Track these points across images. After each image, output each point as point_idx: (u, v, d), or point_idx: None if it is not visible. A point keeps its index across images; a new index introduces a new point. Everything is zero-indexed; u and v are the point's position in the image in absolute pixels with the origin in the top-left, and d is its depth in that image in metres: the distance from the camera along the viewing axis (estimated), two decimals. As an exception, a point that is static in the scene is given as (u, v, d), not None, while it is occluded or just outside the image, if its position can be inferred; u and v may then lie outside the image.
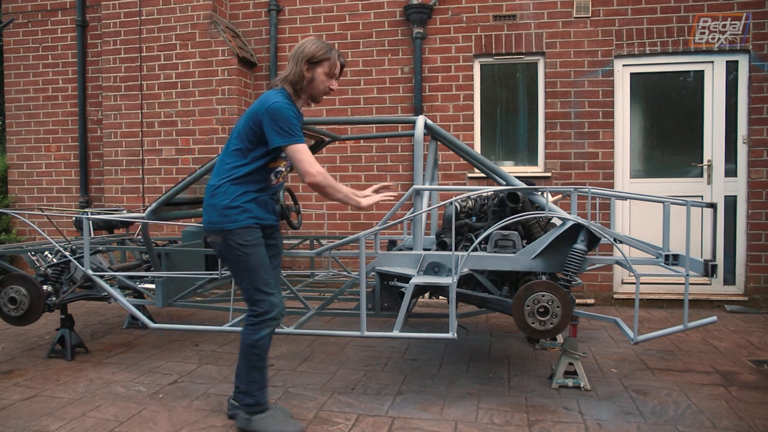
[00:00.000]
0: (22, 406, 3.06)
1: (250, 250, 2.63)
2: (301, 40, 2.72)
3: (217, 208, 2.63)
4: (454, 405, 3.03)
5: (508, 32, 5.76)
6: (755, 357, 3.87)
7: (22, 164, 6.82)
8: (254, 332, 2.65)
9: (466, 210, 3.82)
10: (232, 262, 2.67)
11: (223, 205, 2.62)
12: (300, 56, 2.64)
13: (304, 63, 2.63)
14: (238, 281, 2.71)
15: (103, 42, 6.26)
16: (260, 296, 2.65)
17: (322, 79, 2.68)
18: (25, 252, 4.00)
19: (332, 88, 2.74)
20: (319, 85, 2.69)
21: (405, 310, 2.97)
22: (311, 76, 2.66)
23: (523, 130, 5.91)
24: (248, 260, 2.63)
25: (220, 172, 2.68)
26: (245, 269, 2.64)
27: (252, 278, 2.64)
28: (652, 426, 2.76)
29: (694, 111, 5.61)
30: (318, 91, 2.71)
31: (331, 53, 2.67)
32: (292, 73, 2.65)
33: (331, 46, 2.71)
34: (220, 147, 5.89)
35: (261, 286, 2.64)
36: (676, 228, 3.51)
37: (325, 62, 2.65)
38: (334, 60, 2.68)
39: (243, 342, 2.68)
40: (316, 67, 2.65)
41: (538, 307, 2.90)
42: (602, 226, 3.22)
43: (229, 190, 2.63)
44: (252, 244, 2.63)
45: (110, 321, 5.02)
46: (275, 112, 2.53)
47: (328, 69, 2.67)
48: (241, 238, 2.61)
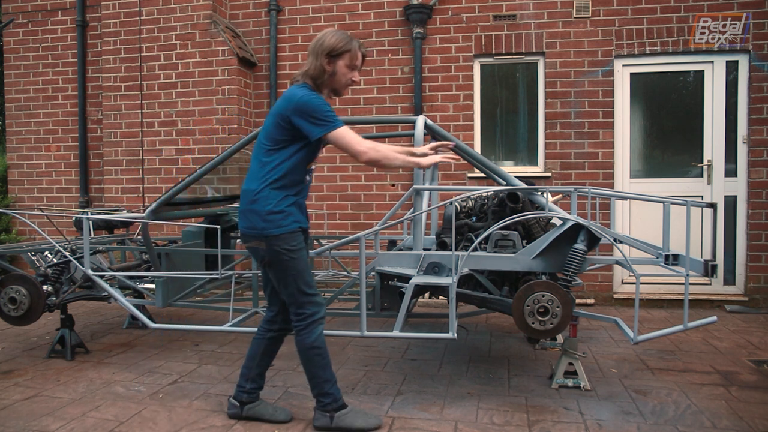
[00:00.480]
0: (22, 406, 3.06)
1: (297, 255, 2.60)
2: (321, 32, 2.64)
3: (260, 213, 2.56)
4: (454, 405, 3.03)
5: (508, 32, 5.76)
6: (755, 357, 3.87)
7: (22, 164, 6.82)
8: (309, 334, 2.64)
9: (466, 210, 3.82)
10: (279, 267, 2.61)
11: (267, 211, 2.55)
12: (320, 49, 2.57)
13: (324, 56, 2.57)
14: (283, 286, 2.65)
15: (103, 42, 6.26)
16: (307, 299, 2.64)
17: (344, 72, 2.62)
18: (25, 252, 4.00)
19: (354, 80, 2.68)
20: (341, 78, 2.63)
21: (405, 310, 2.97)
22: (332, 69, 2.59)
23: (523, 130, 5.91)
24: (295, 265, 2.60)
25: (257, 176, 2.60)
26: (292, 274, 2.61)
27: (298, 282, 2.62)
28: (652, 426, 2.76)
29: (694, 111, 5.61)
30: (340, 84, 2.65)
31: (352, 44, 2.60)
32: (313, 68, 2.59)
33: (351, 37, 2.63)
34: (221, 147, 5.89)
35: (307, 289, 2.63)
36: (676, 228, 3.51)
37: (345, 54, 2.59)
38: (355, 51, 2.61)
39: (301, 347, 2.66)
40: (337, 59, 2.59)
41: (538, 307, 2.90)
42: (602, 226, 3.22)
43: (270, 194, 2.56)
44: (298, 249, 2.61)
45: (110, 321, 5.02)
46: (305, 105, 2.49)
47: (349, 61, 2.61)
48: (287, 243, 2.57)
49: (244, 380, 2.83)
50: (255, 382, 2.83)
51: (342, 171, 6.10)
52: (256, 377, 2.83)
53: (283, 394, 3.20)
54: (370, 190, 6.03)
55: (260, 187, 2.57)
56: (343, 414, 2.68)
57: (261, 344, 2.83)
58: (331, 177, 6.10)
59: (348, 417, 2.68)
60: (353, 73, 2.66)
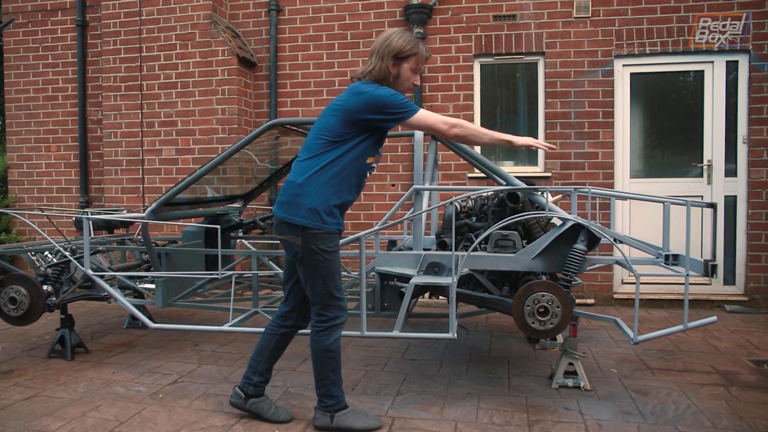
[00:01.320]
0: (22, 406, 3.06)
1: (332, 257, 2.55)
2: (385, 33, 2.57)
3: (303, 207, 2.48)
4: (454, 405, 3.03)
5: (508, 32, 5.76)
6: (755, 357, 3.87)
7: (22, 164, 6.82)
8: (327, 337, 2.62)
9: (466, 210, 3.82)
10: (312, 266, 2.55)
11: (312, 206, 2.48)
12: (386, 51, 2.49)
13: (391, 58, 2.49)
14: (311, 285, 2.59)
15: (103, 42, 6.26)
16: (333, 301, 2.61)
17: (408, 75, 2.55)
18: (25, 252, 3.99)
19: (416, 83, 2.63)
20: (405, 82, 2.57)
21: (405, 310, 2.97)
22: (397, 72, 2.53)
23: (523, 130, 5.91)
24: (328, 266, 2.55)
25: (307, 168, 2.50)
26: (323, 275, 2.56)
27: (328, 284, 2.58)
28: (652, 426, 2.76)
29: (694, 111, 5.61)
30: (403, 87, 2.58)
31: (419, 48, 2.54)
32: (377, 69, 2.50)
33: (418, 39, 2.57)
34: (221, 147, 5.89)
35: (335, 292, 2.60)
36: (676, 228, 3.51)
37: (412, 57, 2.52)
38: (422, 54, 2.55)
39: (317, 348, 2.63)
40: (403, 62, 2.52)
41: (538, 307, 2.90)
42: (602, 226, 3.22)
43: (319, 190, 2.48)
44: (334, 250, 2.56)
45: (110, 321, 5.02)
46: (377, 99, 2.43)
47: (415, 64, 2.54)
48: (325, 243, 2.51)
49: (252, 372, 2.80)
50: (263, 375, 2.82)
51: (342, 171, 6.08)
52: (265, 371, 2.82)
53: (283, 394, 3.20)
54: (370, 190, 6.03)
55: (309, 181, 2.49)
56: (344, 414, 2.67)
57: (273, 339, 2.80)
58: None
59: (348, 417, 2.67)
60: (416, 77, 2.61)
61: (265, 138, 4.19)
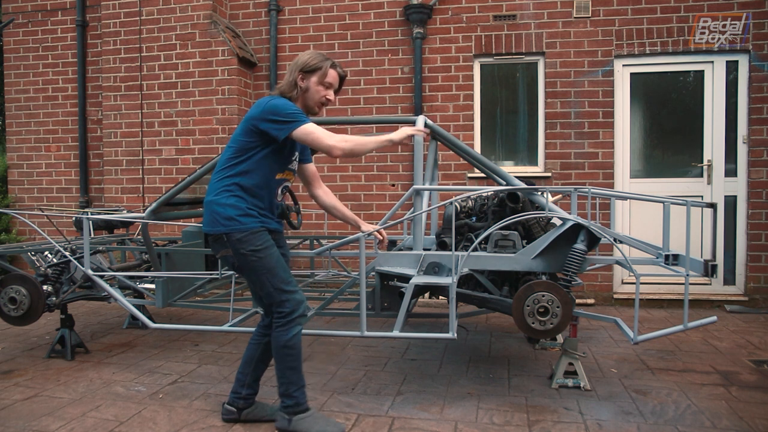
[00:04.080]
0: (22, 406, 3.06)
1: (264, 253, 2.59)
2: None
3: (220, 216, 2.59)
4: (454, 405, 3.03)
5: (508, 32, 5.76)
6: (755, 357, 3.87)
7: (22, 164, 6.82)
8: (285, 332, 2.62)
9: (466, 210, 3.82)
10: (248, 269, 2.62)
11: (226, 215, 2.57)
12: (294, 66, 2.67)
13: (298, 72, 2.66)
14: (259, 287, 2.64)
15: (103, 42, 6.26)
16: (284, 296, 2.62)
17: (317, 89, 2.68)
18: (25, 252, 3.99)
19: (329, 98, 2.72)
20: (314, 95, 2.68)
21: (405, 310, 2.97)
22: (305, 85, 2.67)
23: (523, 130, 5.91)
24: (264, 263, 2.59)
25: (215, 183, 2.64)
26: (263, 273, 2.60)
27: (272, 280, 2.60)
28: (652, 426, 2.76)
29: (694, 111, 5.61)
30: (313, 101, 2.70)
31: (325, 63, 2.68)
32: (285, 83, 2.68)
33: (328, 57, 2.71)
34: (220, 147, 5.89)
35: (283, 286, 2.62)
36: (676, 228, 3.51)
37: (317, 71, 2.66)
38: (326, 69, 2.67)
39: (275, 345, 2.64)
40: (310, 76, 2.66)
41: (538, 307, 2.90)
42: (602, 226, 3.22)
43: (231, 198, 2.59)
44: (264, 247, 2.60)
45: (110, 321, 5.02)
46: (270, 107, 2.55)
47: (320, 78, 2.67)
48: (252, 243, 2.57)
49: (239, 386, 2.81)
50: (251, 387, 2.82)
51: (342, 171, 6.10)
52: (252, 383, 2.82)
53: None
54: (370, 190, 6.03)
55: (220, 194, 2.60)
56: (302, 418, 2.64)
57: (257, 349, 2.81)
58: (331, 177, 6.10)
59: (306, 421, 2.64)
60: (327, 92, 2.71)
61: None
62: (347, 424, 2.81)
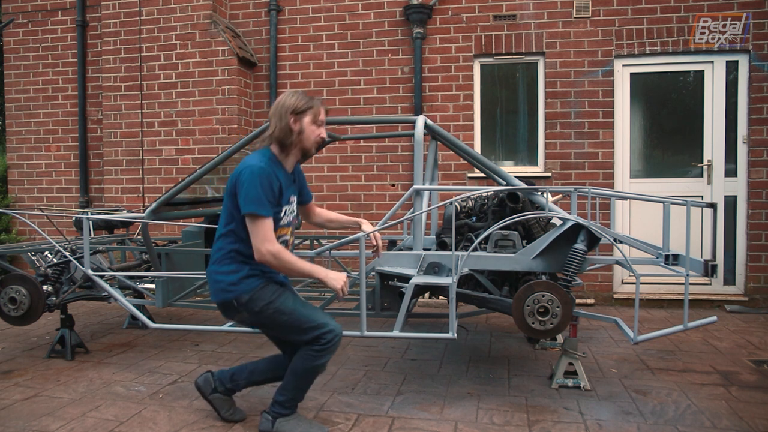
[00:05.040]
0: (22, 406, 3.06)
1: (279, 302, 2.53)
2: (279, 97, 2.64)
3: (224, 283, 2.55)
4: (454, 405, 3.03)
5: (508, 32, 5.76)
6: (755, 357, 3.87)
7: (22, 164, 6.82)
8: (318, 357, 2.54)
9: (466, 210, 3.82)
10: (270, 322, 2.57)
11: (230, 281, 2.53)
12: (283, 110, 2.56)
13: (290, 115, 2.56)
14: (286, 334, 2.58)
15: (103, 42, 6.26)
16: (317, 332, 2.52)
17: (312, 129, 2.61)
18: (25, 252, 3.99)
19: (323, 136, 2.67)
20: (310, 135, 2.61)
21: (405, 310, 2.97)
22: (299, 127, 2.58)
23: (523, 130, 5.91)
24: (283, 310, 2.53)
25: (216, 252, 2.61)
26: (285, 320, 2.53)
27: (299, 321, 2.52)
28: (652, 426, 2.76)
29: (694, 111, 5.61)
30: (310, 141, 2.62)
31: (314, 101, 2.62)
32: (278, 129, 2.56)
33: (311, 96, 2.66)
34: (221, 147, 5.90)
35: (310, 322, 2.52)
36: (676, 228, 3.51)
37: (309, 110, 2.59)
38: (318, 107, 2.62)
39: (301, 365, 2.55)
40: (303, 116, 2.58)
41: (538, 307, 2.90)
42: (602, 226, 3.22)
43: (230, 266, 2.55)
44: (277, 296, 2.54)
45: (110, 321, 5.02)
46: (248, 177, 2.46)
47: (314, 117, 2.60)
48: (263, 299, 2.53)
49: (235, 376, 2.82)
50: (238, 386, 2.84)
51: (342, 171, 6.10)
52: (245, 385, 2.85)
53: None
54: (370, 190, 6.03)
55: (220, 258, 2.58)
56: (285, 420, 2.61)
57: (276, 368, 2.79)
58: (331, 177, 6.10)
59: (289, 424, 2.61)
60: (321, 130, 2.65)
61: (265, 138, 4.18)
62: (347, 423, 2.81)
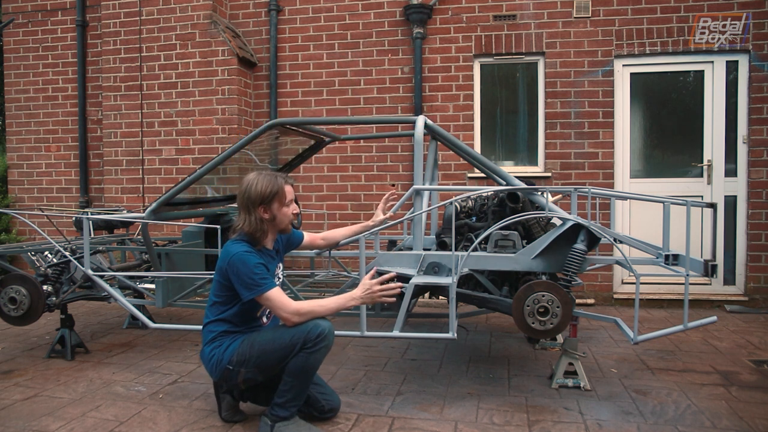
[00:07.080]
0: (22, 406, 3.06)
1: (253, 340, 2.59)
2: (242, 185, 2.60)
3: (209, 360, 2.64)
4: (454, 405, 3.03)
5: (508, 32, 5.76)
6: (755, 357, 3.87)
7: (22, 164, 6.82)
8: (311, 355, 2.54)
9: (466, 210, 3.82)
10: (262, 365, 2.57)
11: (219, 358, 2.60)
12: (249, 202, 2.55)
13: (258, 207, 2.56)
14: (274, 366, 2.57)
15: (103, 42, 6.26)
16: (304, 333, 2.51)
17: (283, 212, 2.63)
18: (25, 252, 3.99)
19: (295, 212, 2.69)
20: (284, 218, 2.64)
21: (405, 310, 2.97)
22: (270, 215, 2.59)
23: (523, 130, 5.91)
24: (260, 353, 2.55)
25: (206, 336, 2.67)
26: (268, 358, 2.55)
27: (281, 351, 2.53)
28: (652, 426, 2.76)
29: (694, 111, 5.61)
30: (284, 223, 2.66)
31: (277, 183, 2.59)
32: (248, 223, 2.56)
33: (273, 174, 2.62)
34: (221, 147, 5.90)
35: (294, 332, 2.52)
36: (676, 228, 3.51)
37: (276, 196, 2.58)
38: (283, 188, 2.60)
39: (296, 364, 2.55)
40: (271, 204, 2.58)
41: (538, 307, 2.90)
42: (602, 226, 3.22)
43: (219, 349, 2.61)
44: (252, 340, 2.59)
45: (110, 321, 5.02)
46: (237, 265, 2.48)
47: (281, 201, 2.61)
48: (240, 357, 2.57)
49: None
50: None
51: (342, 171, 6.10)
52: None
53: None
54: (370, 190, 6.03)
55: (209, 339, 2.65)
56: (284, 425, 2.60)
57: None
58: (331, 177, 6.10)
59: (288, 428, 2.60)
60: (291, 207, 2.67)
61: (265, 138, 4.18)
62: (347, 423, 2.81)
